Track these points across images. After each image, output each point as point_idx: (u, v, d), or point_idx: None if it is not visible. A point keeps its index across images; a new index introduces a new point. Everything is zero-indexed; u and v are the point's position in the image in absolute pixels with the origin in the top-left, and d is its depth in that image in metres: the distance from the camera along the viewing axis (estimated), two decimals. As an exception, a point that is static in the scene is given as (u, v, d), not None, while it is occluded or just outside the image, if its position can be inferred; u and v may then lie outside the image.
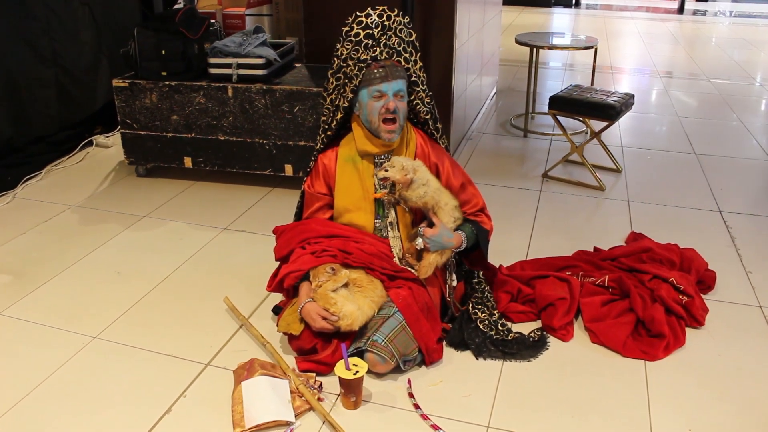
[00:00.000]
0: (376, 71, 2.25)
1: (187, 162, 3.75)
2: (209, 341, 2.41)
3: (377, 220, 2.41)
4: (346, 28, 2.29)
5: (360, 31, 2.26)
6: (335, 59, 2.33)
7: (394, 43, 2.27)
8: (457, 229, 2.37)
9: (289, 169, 3.63)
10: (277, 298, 2.60)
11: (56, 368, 2.26)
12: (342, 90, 2.34)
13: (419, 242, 2.31)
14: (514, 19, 10.64)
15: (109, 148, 4.41)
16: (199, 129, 3.66)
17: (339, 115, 2.37)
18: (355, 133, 2.36)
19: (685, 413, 2.09)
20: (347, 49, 2.28)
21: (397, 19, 2.28)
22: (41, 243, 3.15)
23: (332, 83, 2.36)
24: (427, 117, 2.42)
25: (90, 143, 4.40)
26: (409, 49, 2.31)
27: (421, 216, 2.37)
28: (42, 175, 3.94)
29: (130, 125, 3.75)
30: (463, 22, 4.10)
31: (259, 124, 3.57)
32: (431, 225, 2.31)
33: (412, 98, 2.37)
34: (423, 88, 2.37)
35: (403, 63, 2.29)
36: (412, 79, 2.32)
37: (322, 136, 2.45)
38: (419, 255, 2.36)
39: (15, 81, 3.87)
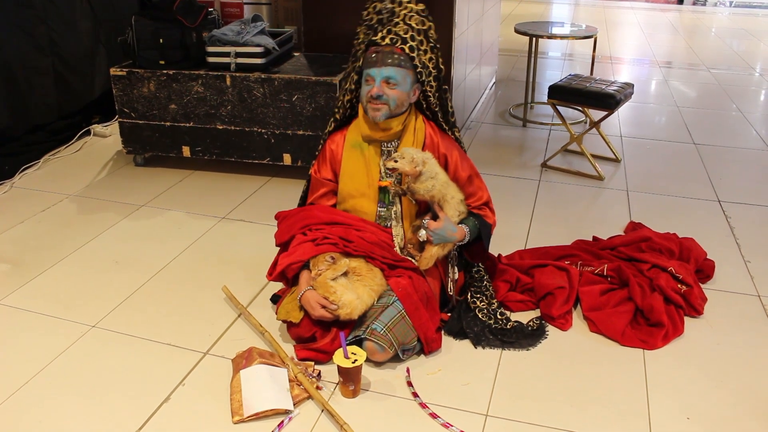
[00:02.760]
0: (370, 56, 2.25)
1: (186, 151, 3.74)
2: (208, 330, 2.41)
3: (381, 208, 2.40)
4: (364, 12, 2.31)
5: (374, 15, 2.29)
6: (354, 43, 2.35)
7: (399, 31, 2.25)
8: (460, 222, 2.37)
9: (287, 158, 3.62)
10: (276, 286, 2.60)
11: (55, 357, 2.26)
12: (350, 73, 2.37)
13: (422, 234, 2.30)
14: (514, 8, 10.60)
15: (107, 137, 4.40)
16: (198, 118, 3.65)
17: (346, 97, 2.39)
18: (359, 117, 2.36)
19: (683, 402, 2.10)
20: (362, 32, 2.30)
21: (409, 6, 2.27)
22: (39, 232, 3.14)
23: (349, 66, 2.37)
24: (435, 108, 2.40)
25: (88, 132, 4.39)
26: (418, 38, 2.27)
27: (425, 206, 2.36)
28: (40, 165, 3.93)
29: (128, 114, 3.73)
30: (462, 11, 4.08)
31: (258, 113, 3.56)
32: (435, 217, 2.30)
33: (424, 88, 2.35)
34: (429, 79, 2.33)
35: (408, 51, 2.26)
36: (418, 69, 2.29)
37: (332, 119, 2.46)
38: (421, 246, 2.36)
39: (12, 70, 3.85)
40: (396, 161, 2.22)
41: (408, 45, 2.26)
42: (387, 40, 2.25)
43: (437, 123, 2.44)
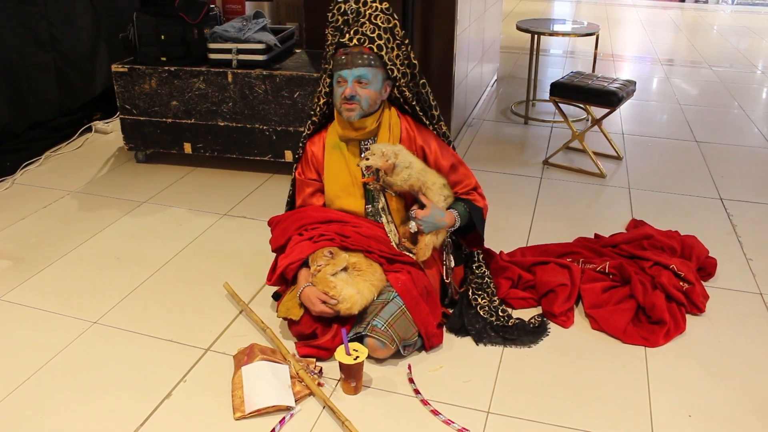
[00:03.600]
0: (340, 58, 2.26)
1: (187, 148, 3.74)
2: (209, 326, 2.41)
3: (368, 206, 2.41)
4: (329, 14, 2.32)
5: (339, 17, 2.30)
6: (325, 45, 2.36)
7: (366, 30, 2.26)
8: (449, 207, 2.37)
9: (289, 155, 3.62)
10: (278, 283, 2.60)
11: (56, 353, 2.26)
12: (323, 76, 2.38)
13: (412, 225, 2.30)
14: (515, 6, 10.58)
15: (108, 134, 4.40)
16: (199, 115, 3.64)
17: (322, 100, 2.40)
18: (335, 119, 2.38)
19: (685, 399, 2.10)
20: (330, 34, 2.32)
21: (373, 5, 2.28)
22: (41, 228, 3.14)
23: (321, 69, 2.39)
24: (413, 103, 2.40)
25: (89, 129, 4.39)
26: (385, 36, 2.28)
27: (412, 200, 2.37)
28: (41, 161, 3.92)
29: (129, 111, 3.73)
30: (464, 8, 4.07)
31: (259, 110, 3.56)
32: (422, 207, 2.31)
33: (396, 84, 2.35)
34: (399, 75, 2.32)
35: (376, 50, 2.26)
36: (388, 67, 2.29)
37: (308, 122, 2.47)
38: (414, 238, 2.36)
39: (13, 66, 3.84)
40: (368, 159, 2.24)
41: (376, 44, 2.26)
42: (355, 41, 2.26)
43: (416, 117, 2.44)
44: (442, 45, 3.90)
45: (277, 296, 2.54)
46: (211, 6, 3.90)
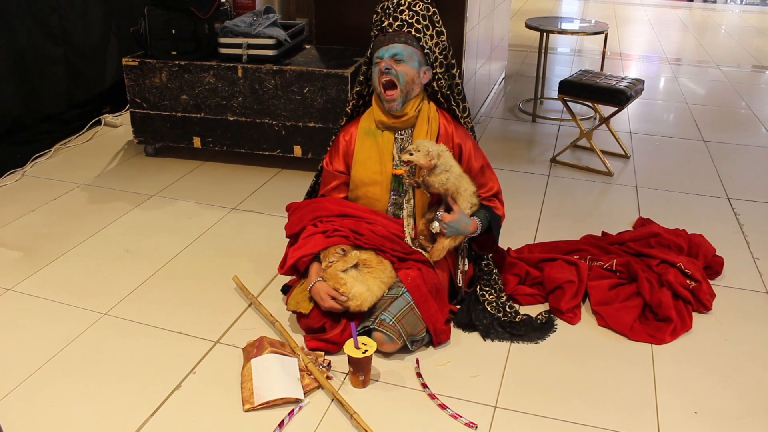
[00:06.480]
0: (378, 40, 2.31)
1: (196, 142, 3.76)
2: (218, 319, 2.43)
3: (394, 196, 2.42)
4: (374, 15, 2.37)
5: (381, 12, 2.35)
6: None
7: (405, 17, 2.30)
8: (472, 215, 2.38)
9: (298, 150, 3.63)
10: (287, 277, 2.61)
11: (66, 344, 2.28)
12: (362, 68, 2.43)
13: (436, 227, 2.31)
14: (523, 4, 10.57)
15: (117, 127, 4.42)
16: (209, 109, 3.66)
17: (356, 89, 2.44)
18: (373, 104, 2.40)
19: (691, 396, 2.10)
20: (373, 22, 2.37)
21: None
22: (51, 220, 3.16)
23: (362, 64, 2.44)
24: (447, 92, 2.42)
25: (99, 122, 4.41)
26: (423, 22, 2.31)
27: (437, 198, 2.38)
28: (51, 154, 3.95)
29: (139, 104, 3.75)
30: (473, 5, 4.08)
31: (269, 105, 3.57)
32: (448, 209, 2.31)
33: (434, 71, 2.38)
34: (438, 62, 2.36)
35: (414, 32, 2.30)
36: (425, 51, 2.32)
37: (346, 110, 2.51)
38: (432, 238, 2.37)
39: (24, 59, 3.86)
40: (411, 154, 2.23)
41: (414, 27, 2.30)
42: (395, 27, 2.30)
43: (450, 110, 2.46)
44: (452, 42, 3.89)
45: (285, 289, 2.56)
46: (222, 1, 3.91)
